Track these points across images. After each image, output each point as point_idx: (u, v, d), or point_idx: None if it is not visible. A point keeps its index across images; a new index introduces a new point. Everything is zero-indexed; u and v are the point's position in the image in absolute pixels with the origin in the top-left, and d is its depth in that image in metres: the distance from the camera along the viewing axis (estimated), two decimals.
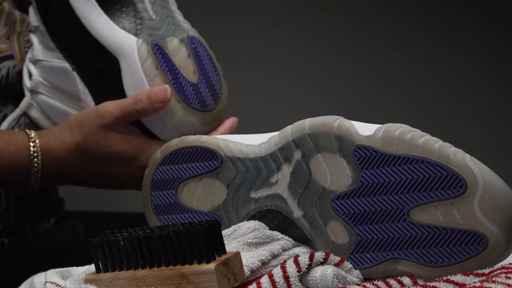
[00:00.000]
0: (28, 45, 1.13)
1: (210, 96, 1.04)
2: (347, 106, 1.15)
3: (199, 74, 1.03)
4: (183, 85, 1.01)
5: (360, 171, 0.77)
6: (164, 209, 0.87)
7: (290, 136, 0.80)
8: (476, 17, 2.55)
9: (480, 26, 2.54)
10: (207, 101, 1.03)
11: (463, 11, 2.55)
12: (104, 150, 1.01)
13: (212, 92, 1.04)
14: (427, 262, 0.74)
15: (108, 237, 0.74)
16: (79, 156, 1.01)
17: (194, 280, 0.72)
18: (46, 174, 1.02)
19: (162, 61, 1.01)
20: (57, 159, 1.02)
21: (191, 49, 1.03)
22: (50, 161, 1.01)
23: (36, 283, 0.77)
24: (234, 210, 0.83)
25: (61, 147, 1.01)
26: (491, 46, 2.55)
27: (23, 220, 1.18)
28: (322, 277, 0.73)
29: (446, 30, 2.53)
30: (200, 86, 1.03)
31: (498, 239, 0.72)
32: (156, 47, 1.01)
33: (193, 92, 1.02)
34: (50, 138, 1.02)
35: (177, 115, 1.01)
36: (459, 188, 0.73)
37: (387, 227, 0.76)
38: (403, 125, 0.76)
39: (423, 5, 2.53)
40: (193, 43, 1.04)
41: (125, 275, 0.74)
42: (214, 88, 1.04)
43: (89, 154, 1.01)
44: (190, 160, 0.85)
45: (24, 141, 1.01)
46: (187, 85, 1.02)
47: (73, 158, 1.01)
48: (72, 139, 1.01)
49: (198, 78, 1.03)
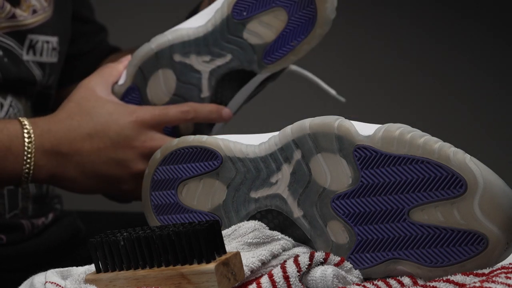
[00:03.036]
0: (2, 32, 1.12)
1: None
2: (347, 106, 1.15)
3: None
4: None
5: (360, 171, 0.77)
6: (164, 209, 0.87)
7: (290, 136, 0.80)
8: (476, 17, 2.55)
9: (480, 26, 2.54)
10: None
11: (463, 11, 2.55)
12: (92, 104, 1.02)
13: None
14: (427, 262, 0.74)
15: (108, 237, 0.74)
16: (69, 115, 1.01)
17: (194, 280, 0.72)
18: (40, 151, 1.01)
19: None
20: (48, 130, 1.01)
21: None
22: (42, 132, 1.01)
23: (36, 283, 0.77)
24: (234, 210, 0.83)
25: (51, 119, 1.02)
26: (491, 46, 2.55)
27: (19, 215, 1.18)
28: (322, 277, 0.73)
29: (446, 30, 2.53)
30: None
31: (498, 239, 0.72)
32: None
33: None
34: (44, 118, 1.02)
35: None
36: (459, 188, 0.73)
37: (387, 227, 0.76)
38: (403, 125, 0.76)
39: (423, 5, 2.53)
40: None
41: (125, 275, 0.74)
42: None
43: (82, 107, 1.02)
44: (190, 160, 0.85)
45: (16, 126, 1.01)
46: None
47: (66, 118, 1.02)
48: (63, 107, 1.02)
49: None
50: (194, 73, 1.02)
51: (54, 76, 1.23)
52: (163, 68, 1.03)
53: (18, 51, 1.16)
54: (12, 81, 1.14)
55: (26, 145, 0.99)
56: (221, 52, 1.01)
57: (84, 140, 1.00)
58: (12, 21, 1.14)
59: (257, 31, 0.99)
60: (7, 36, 1.14)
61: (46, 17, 1.20)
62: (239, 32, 1.00)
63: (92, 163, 1.00)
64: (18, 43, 1.16)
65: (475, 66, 2.54)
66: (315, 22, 0.97)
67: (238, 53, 1.00)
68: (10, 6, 1.14)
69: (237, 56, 1.00)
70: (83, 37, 1.33)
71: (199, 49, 1.01)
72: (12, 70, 1.14)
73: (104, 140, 1.00)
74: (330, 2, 0.97)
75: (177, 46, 1.02)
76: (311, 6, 0.97)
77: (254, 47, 1.00)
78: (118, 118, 1.00)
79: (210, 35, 1.01)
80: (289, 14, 0.98)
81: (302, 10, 0.97)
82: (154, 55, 1.03)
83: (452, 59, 2.53)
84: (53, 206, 1.26)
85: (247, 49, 1.00)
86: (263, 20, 0.99)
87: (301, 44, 0.98)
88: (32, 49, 1.17)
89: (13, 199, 1.17)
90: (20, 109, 1.17)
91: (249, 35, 1.00)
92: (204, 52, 1.01)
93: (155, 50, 1.03)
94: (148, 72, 1.04)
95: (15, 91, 1.16)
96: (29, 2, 1.17)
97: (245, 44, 1.00)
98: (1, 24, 1.13)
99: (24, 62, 1.16)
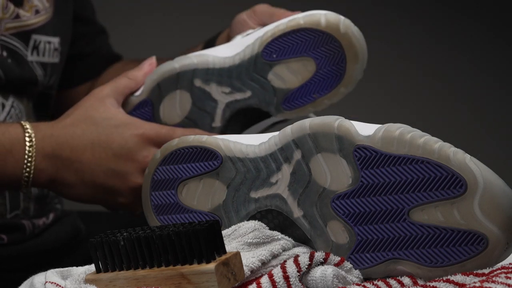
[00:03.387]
0: (8, 33, 1.12)
1: None
2: (347, 106, 1.14)
3: None
4: None
5: (360, 171, 0.77)
6: (164, 209, 0.87)
7: (290, 136, 0.80)
8: (476, 17, 2.55)
9: (480, 26, 2.54)
10: None
11: (463, 11, 2.55)
12: (99, 114, 1.01)
13: None
14: (427, 262, 0.74)
15: (108, 237, 0.74)
16: (73, 121, 1.01)
17: (194, 280, 0.72)
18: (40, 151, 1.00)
19: None
20: (50, 134, 1.01)
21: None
22: (42, 135, 1.01)
23: (36, 283, 0.77)
24: (234, 210, 0.83)
25: (55, 124, 1.02)
26: (491, 46, 2.55)
27: (20, 215, 1.18)
28: (322, 277, 0.73)
29: (446, 30, 2.53)
30: None
31: (498, 239, 0.72)
32: None
33: None
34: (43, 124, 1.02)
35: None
36: (459, 188, 0.73)
37: (387, 227, 0.76)
38: (403, 125, 0.76)
39: (423, 5, 2.53)
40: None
41: (125, 275, 0.74)
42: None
43: (85, 118, 1.01)
44: (190, 160, 0.85)
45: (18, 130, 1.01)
46: None
47: (68, 125, 1.02)
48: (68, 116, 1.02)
49: None
50: (211, 101, 1.02)
51: (55, 76, 1.23)
52: (181, 90, 1.03)
53: (23, 52, 1.16)
54: (14, 82, 1.14)
55: (27, 149, 0.99)
56: (242, 87, 1.01)
57: (86, 148, 1.00)
58: (17, 21, 1.14)
59: (283, 76, 0.99)
60: (13, 37, 1.14)
61: (48, 18, 1.20)
62: (264, 73, 1.00)
63: (92, 171, 1.00)
64: (24, 44, 1.16)
65: (475, 66, 2.54)
66: (341, 80, 0.97)
67: (259, 92, 1.00)
68: (13, 7, 1.14)
69: (257, 94, 1.00)
70: (84, 38, 1.33)
71: (221, 79, 1.01)
72: (15, 71, 1.14)
73: (106, 151, 1.00)
74: (360, 64, 0.97)
75: (200, 72, 1.02)
76: (341, 64, 0.97)
77: (276, 90, 1.00)
78: (123, 132, 1.00)
79: (235, 69, 1.01)
80: (317, 67, 0.98)
81: (331, 65, 0.97)
82: (175, 75, 1.03)
83: (452, 59, 2.53)
84: (53, 206, 1.26)
85: (269, 90, 1.00)
86: (291, 66, 0.99)
87: (322, 98, 0.98)
88: (36, 49, 1.17)
89: (14, 200, 1.17)
90: (21, 110, 1.17)
91: (274, 78, 1.00)
92: (225, 83, 1.01)
93: (178, 70, 1.03)
94: (166, 90, 1.04)
95: (17, 91, 1.16)
96: (31, 3, 1.17)
97: (268, 86, 1.00)
98: (7, 25, 1.13)
99: (28, 63, 1.16)
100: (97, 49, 1.34)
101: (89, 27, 1.34)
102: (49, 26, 1.20)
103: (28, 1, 1.17)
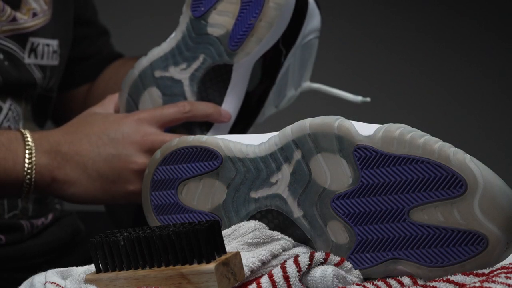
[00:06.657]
0: (4, 35, 1.12)
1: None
2: (347, 106, 1.14)
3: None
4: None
5: (360, 171, 0.77)
6: (164, 209, 0.87)
7: (290, 136, 0.80)
8: (476, 17, 2.55)
9: (480, 26, 2.54)
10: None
11: (463, 11, 2.55)
12: (93, 117, 1.03)
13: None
14: (427, 262, 0.74)
15: (108, 237, 0.74)
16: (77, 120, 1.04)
17: (194, 280, 0.72)
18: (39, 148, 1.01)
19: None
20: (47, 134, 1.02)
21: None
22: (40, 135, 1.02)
23: (36, 283, 0.77)
24: (234, 210, 0.83)
25: (49, 130, 1.04)
26: (491, 46, 2.55)
27: (18, 215, 1.18)
28: (322, 277, 0.73)
29: (446, 30, 2.53)
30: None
31: (498, 239, 0.72)
32: None
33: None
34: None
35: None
36: (459, 188, 0.73)
37: (387, 227, 0.76)
38: (403, 125, 0.76)
39: (423, 5, 2.53)
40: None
41: (125, 275, 0.74)
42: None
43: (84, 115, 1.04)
44: (190, 160, 0.85)
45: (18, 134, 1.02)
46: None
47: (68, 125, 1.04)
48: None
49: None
50: (175, 83, 1.04)
51: (55, 78, 1.23)
52: (147, 88, 1.05)
53: (19, 54, 1.16)
54: (12, 84, 1.14)
55: (26, 146, 1.00)
56: (194, 55, 1.03)
57: (82, 140, 1.00)
58: (13, 24, 1.14)
59: (218, 22, 1.01)
60: (8, 40, 1.14)
61: (46, 20, 1.20)
62: (203, 29, 1.02)
63: (93, 162, 1.00)
64: (20, 47, 1.16)
65: (475, 66, 2.54)
66: None
67: (208, 50, 1.02)
68: (10, 10, 1.14)
69: (208, 53, 1.02)
70: (86, 39, 1.32)
71: (175, 59, 1.04)
72: (12, 73, 1.14)
73: (103, 138, 1.00)
74: None
75: (156, 62, 1.05)
76: None
77: (220, 39, 1.01)
78: (117, 119, 1.01)
79: (182, 42, 1.03)
80: None
81: None
82: (138, 78, 1.05)
83: (452, 59, 2.53)
84: (53, 207, 1.26)
85: (215, 43, 1.01)
86: (219, 9, 1.01)
87: (258, 20, 0.99)
88: (34, 52, 1.17)
89: (13, 200, 1.17)
90: (19, 113, 1.17)
91: (213, 29, 1.02)
92: (180, 60, 1.04)
93: (137, 73, 1.05)
94: (137, 97, 1.06)
95: (15, 94, 1.16)
96: (29, 5, 1.17)
97: (212, 39, 1.02)
98: (3, 27, 1.12)
99: (25, 65, 1.16)
100: (99, 51, 1.33)
101: (91, 29, 1.34)
102: (47, 28, 1.20)
103: (25, 4, 1.17)
